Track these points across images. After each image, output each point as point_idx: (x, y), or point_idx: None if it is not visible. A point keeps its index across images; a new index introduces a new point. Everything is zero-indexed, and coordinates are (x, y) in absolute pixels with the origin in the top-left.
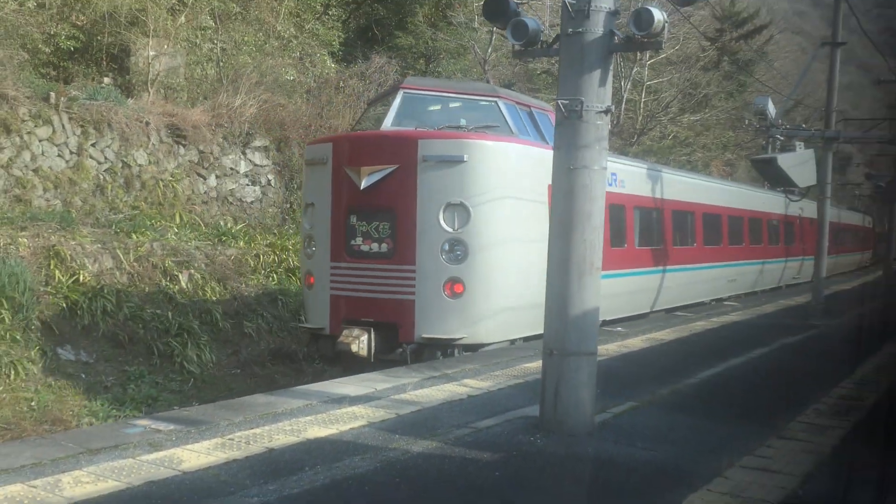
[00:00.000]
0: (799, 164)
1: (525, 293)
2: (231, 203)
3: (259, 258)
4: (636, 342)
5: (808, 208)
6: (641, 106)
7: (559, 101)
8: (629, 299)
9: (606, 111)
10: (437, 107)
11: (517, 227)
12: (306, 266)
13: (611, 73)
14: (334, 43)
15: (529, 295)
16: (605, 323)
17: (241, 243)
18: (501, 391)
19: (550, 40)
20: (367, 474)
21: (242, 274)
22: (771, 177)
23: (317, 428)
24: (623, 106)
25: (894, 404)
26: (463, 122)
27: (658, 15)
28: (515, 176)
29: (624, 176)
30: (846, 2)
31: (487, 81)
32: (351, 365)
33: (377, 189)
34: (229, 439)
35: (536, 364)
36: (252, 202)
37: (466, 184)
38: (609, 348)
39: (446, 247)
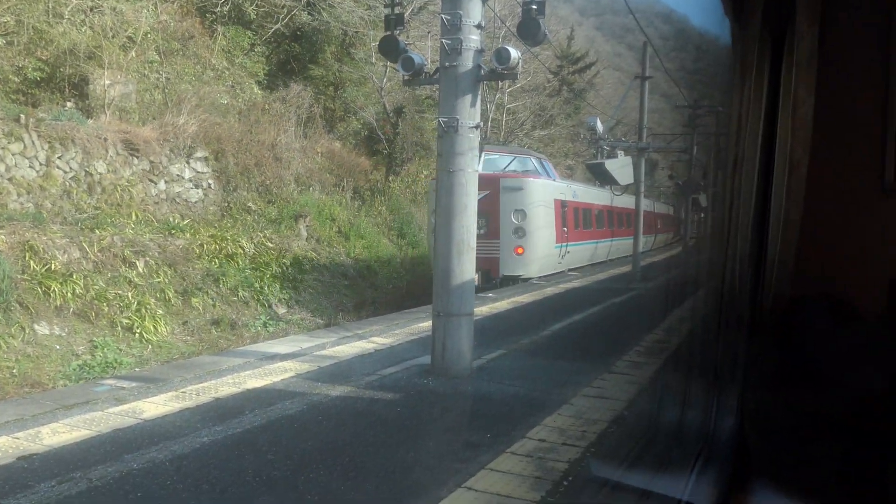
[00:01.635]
0: (621, 167)
1: (547, 252)
2: (178, 203)
3: (203, 247)
4: (503, 304)
5: (655, 205)
6: (503, 124)
7: (440, 119)
8: (579, 257)
9: (476, 126)
10: (499, 158)
11: (544, 220)
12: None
13: (479, 97)
14: (259, 73)
15: (549, 253)
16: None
17: (188, 235)
18: (401, 345)
19: (432, 72)
20: (295, 414)
21: (189, 260)
22: (601, 177)
23: (254, 380)
24: (489, 124)
25: (692, 343)
26: (514, 168)
27: (514, 53)
28: (542, 194)
29: (575, 188)
30: (651, 47)
31: (384, 106)
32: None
33: (480, 202)
34: (182, 392)
35: (427, 324)
36: (196, 202)
37: (523, 199)
38: (483, 310)
39: (514, 231)
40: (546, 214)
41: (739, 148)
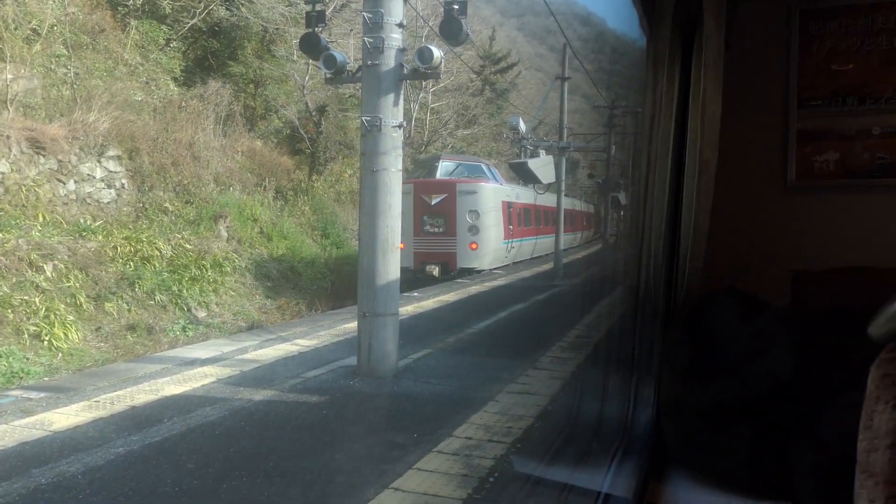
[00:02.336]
0: (543, 166)
1: (497, 247)
2: (89, 204)
3: (117, 249)
4: (429, 304)
5: (576, 203)
6: (427, 123)
7: (363, 118)
8: (523, 251)
9: (400, 126)
10: (456, 166)
11: (493, 219)
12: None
13: (402, 96)
14: (176, 70)
15: (498, 248)
16: (515, 263)
17: (100, 237)
18: (326, 347)
19: (355, 70)
20: (217, 421)
21: (102, 263)
22: (524, 176)
23: (173, 386)
24: (413, 123)
25: (610, 338)
26: (467, 174)
27: (436, 52)
28: (491, 197)
29: (518, 191)
30: (571, 48)
31: (306, 104)
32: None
33: (440, 204)
34: (95, 401)
35: (353, 324)
36: (108, 203)
37: (476, 202)
38: (408, 309)
39: (469, 229)
40: (495, 214)
41: (652, 147)
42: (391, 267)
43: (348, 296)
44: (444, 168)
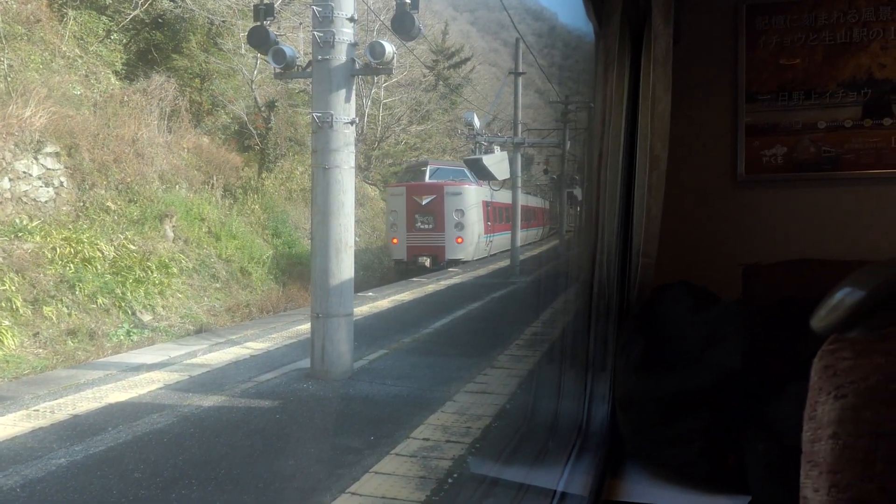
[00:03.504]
0: (498, 162)
1: (478, 241)
2: (26, 203)
3: (56, 251)
4: (384, 303)
5: (530, 199)
6: (380, 119)
7: (314, 114)
8: (498, 244)
9: (352, 122)
10: (439, 171)
11: (476, 216)
12: (392, 235)
13: (354, 92)
14: (117, 63)
15: (479, 241)
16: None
17: (38, 238)
18: (279, 350)
19: (305, 65)
20: (165, 428)
21: (40, 265)
22: (479, 173)
23: (118, 393)
24: (365, 119)
25: (565, 335)
26: (452, 177)
27: (388, 47)
28: (474, 197)
29: (493, 192)
30: (524, 43)
31: (255, 99)
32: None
33: (430, 204)
34: (34, 410)
35: (306, 326)
36: (46, 202)
37: (462, 202)
38: (363, 310)
39: (455, 225)
40: (477, 212)
41: (604, 143)
42: (345, 267)
43: (301, 297)
44: (432, 172)
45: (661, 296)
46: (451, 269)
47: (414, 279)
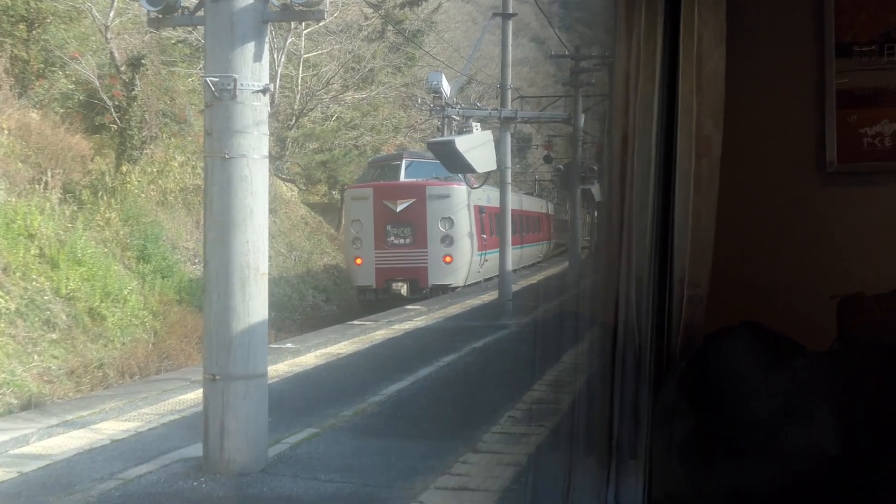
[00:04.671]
0: (477, 146)
1: (471, 260)
2: None
3: None
4: (309, 359)
5: (527, 201)
6: (299, 82)
7: (208, 79)
8: (493, 266)
9: (264, 90)
10: (417, 165)
11: (467, 227)
12: (354, 253)
13: (267, 46)
14: None
15: (472, 261)
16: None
17: None
18: (153, 431)
19: (194, 7)
20: None
21: None
22: (449, 162)
23: None
24: (278, 82)
25: (577, 406)
26: (434, 175)
27: None
28: (465, 201)
29: (489, 193)
30: None
31: (111, 55)
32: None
33: (407, 211)
34: None
35: (195, 394)
36: None
37: (450, 207)
38: (278, 369)
39: (442, 239)
40: (469, 221)
41: (630, 118)
42: (255, 304)
43: (184, 351)
44: (408, 167)
45: (717, 345)
46: (408, 309)
47: (355, 322)
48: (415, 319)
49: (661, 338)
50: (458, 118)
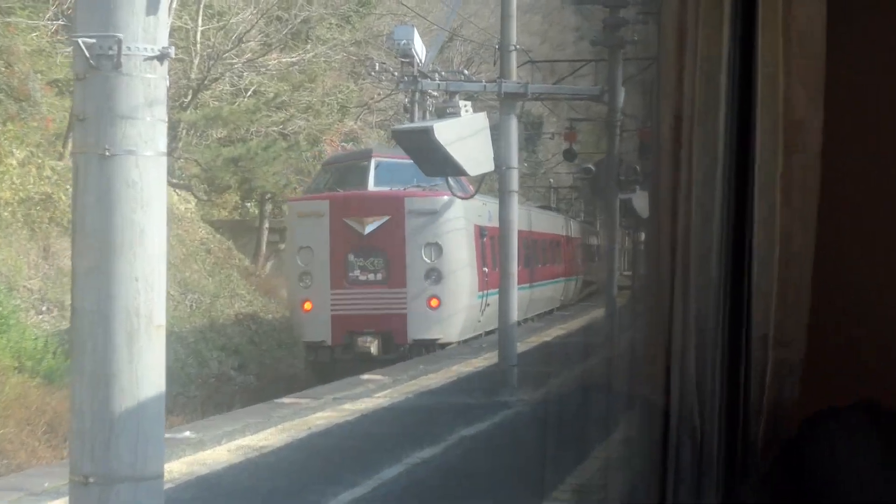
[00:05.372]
0: (466, 136)
1: (470, 304)
2: None
3: None
4: (219, 455)
5: (541, 218)
6: (198, 39)
7: (80, 41)
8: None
9: (162, 56)
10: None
11: (465, 257)
12: (301, 294)
13: None
14: None
15: (471, 305)
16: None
17: None
18: None
19: None
20: None
21: None
22: (425, 159)
23: None
24: (169, 41)
25: None
26: (417, 182)
27: None
28: (461, 220)
29: (491, 208)
30: None
31: None
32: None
33: (376, 234)
34: None
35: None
36: None
37: (438, 228)
38: (172, 469)
39: (426, 274)
40: (467, 249)
41: (685, 94)
42: (148, 369)
43: (26, 443)
44: (378, 172)
45: (819, 435)
46: (365, 380)
47: (285, 400)
48: (375, 395)
49: (735, 423)
50: (436, 94)
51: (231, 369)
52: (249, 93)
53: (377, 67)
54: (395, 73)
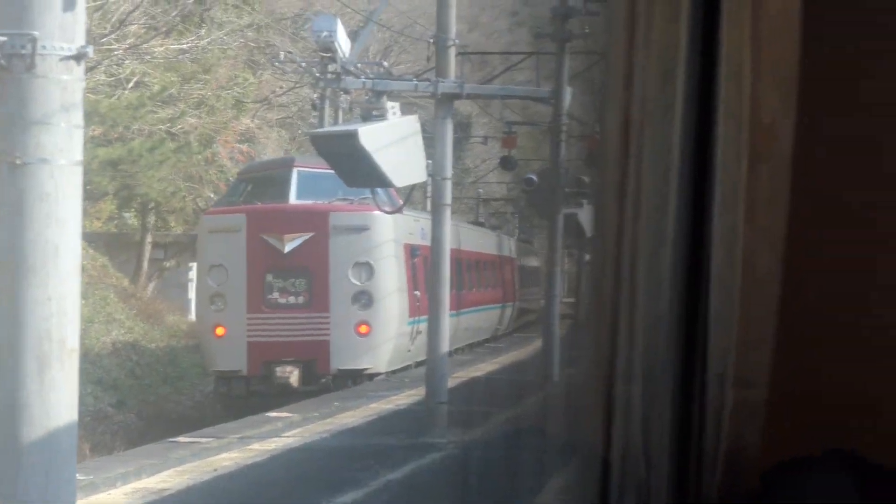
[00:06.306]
0: (395, 142)
1: (400, 331)
2: None
3: None
4: (117, 498)
5: (476, 236)
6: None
7: None
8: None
9: (79, 56)
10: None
11: (396, 278)
12: (212, 318)
13: None
14: None
15: (402, 332)
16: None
17: None
18: None
19: None
20: None
21: None
22: (349, 168)
23: None
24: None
25: None
26: (342, 194)
27: None
28: (392, 237)
29: (423, 224)
30: None
31: None
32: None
33: (297, 253)
34: None
35: None
36: None
37: (368, 246)
38: None
39: (354, 297)
40: (397, 269)
41: (635, 92)
42: (60, 397)
43: None
44: (302, 183)
45: (787, 492)
46: (272, 417)
47: (182, 439)
48: (284, 434)
49: (686, 476)
50: (362, 91)
51: (109, 405)
52: (131, 84)
53: (282, 56)
54: (303, 64)
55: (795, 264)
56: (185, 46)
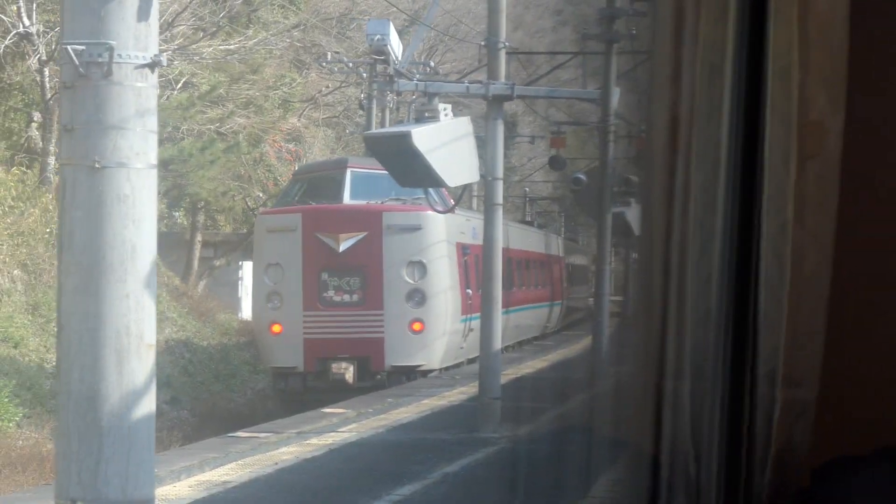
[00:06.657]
0: (448, 143)
1: (454, 328)
2: None
3: None
4: (182, 490)
5: (526, 235)
6: None
7: (69, 48)
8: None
9: (153, 65)
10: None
11: (449, 276)
12: (269, 316)
13: None
14: None
15: (455, 330)
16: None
17: None
18: None
19: None
20: None
21: None
22: (401, 168)
23: None
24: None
25: None
26: (394, 195)
27: None
28: (445, 236)
29: (475, 223)
30: None
31: None
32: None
33: (351, 252)
34: None
35: None
36: None
37: (421, 245)
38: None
39: (408, 295)
40: (450, 268)
41: (683, 91)
42: (138, 390)
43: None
44: (354, 183)
45: (835, 489)
46: (327, 413)
47: (241, 434)
48: (340, 430)
49: (737, 474)
50: (415, 95)
51: (163, 402)
52: (180, 85)
53: (329, 57)
54: (350, 64)
55: (843, 264)
56: (232, 47)
